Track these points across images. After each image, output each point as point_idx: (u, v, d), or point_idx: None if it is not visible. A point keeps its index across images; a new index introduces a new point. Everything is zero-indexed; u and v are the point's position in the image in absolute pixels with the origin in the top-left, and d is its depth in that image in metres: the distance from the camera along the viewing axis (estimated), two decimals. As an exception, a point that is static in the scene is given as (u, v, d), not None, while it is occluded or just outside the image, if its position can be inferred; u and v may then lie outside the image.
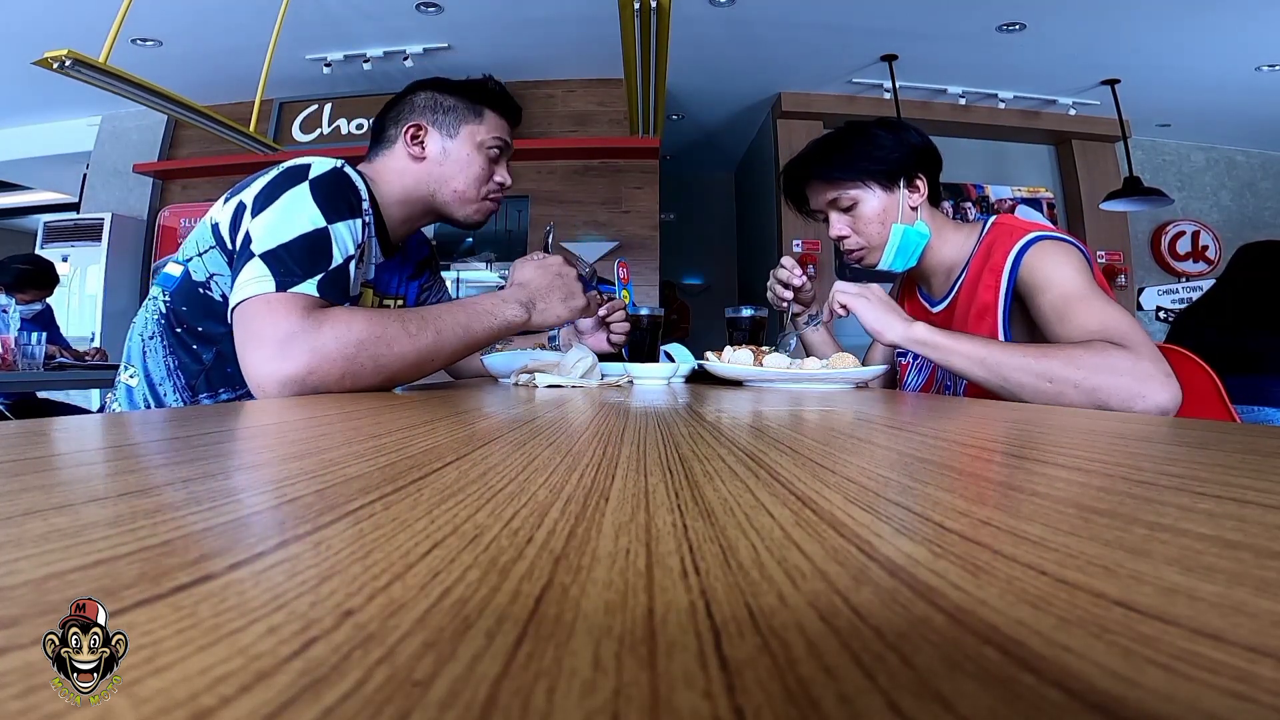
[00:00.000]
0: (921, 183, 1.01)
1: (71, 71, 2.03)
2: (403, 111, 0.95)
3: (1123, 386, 0.71)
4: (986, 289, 0.93)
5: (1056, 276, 0.85)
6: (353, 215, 0.81)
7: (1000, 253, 0.92)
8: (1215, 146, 4.63)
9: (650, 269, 3.90)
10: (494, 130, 0.98)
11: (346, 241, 0.79)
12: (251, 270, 0.72)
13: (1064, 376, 0.73)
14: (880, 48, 3.59)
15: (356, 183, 0.84)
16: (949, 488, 0.21)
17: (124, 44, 2.88)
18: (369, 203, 0.87)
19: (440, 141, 0.94)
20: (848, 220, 1.02)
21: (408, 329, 0.76)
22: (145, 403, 0.84)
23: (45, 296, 2.96)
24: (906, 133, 1.02)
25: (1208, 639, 0.09)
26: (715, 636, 0.09)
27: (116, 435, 0.34)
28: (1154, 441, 0.35)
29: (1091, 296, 0.82)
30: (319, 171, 0.80)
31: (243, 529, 0.15)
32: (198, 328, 0.83)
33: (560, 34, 3.51)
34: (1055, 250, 0.88)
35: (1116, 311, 0.80)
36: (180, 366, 0.84)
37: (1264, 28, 3.22)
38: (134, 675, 0.08)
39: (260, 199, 0.78)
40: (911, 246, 1.01)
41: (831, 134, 1.05)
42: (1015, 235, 0.92)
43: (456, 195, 0.96)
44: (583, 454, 0.27)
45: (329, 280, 0.75)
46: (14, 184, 5.43)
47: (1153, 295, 4.42)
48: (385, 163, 0.95)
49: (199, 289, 0.82)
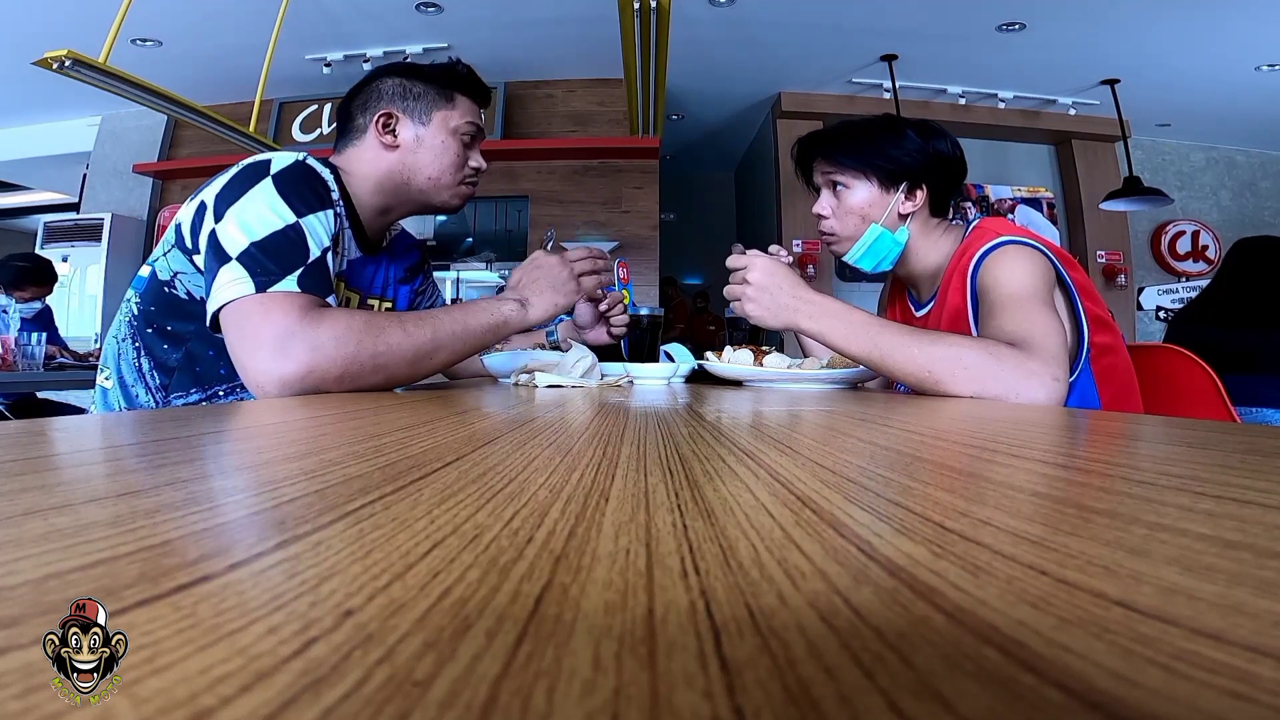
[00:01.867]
0: (921, 193, 0.99)
1: (71, 71, 2.03)
2: (370, 99, 0.93)
3: (998, 382, 0.71)
4: (955, 292, 0.93)
5: (1001, 280, 0.85)
6: (323, 206, 0.80)
7: (969, 256, 0.92)
8: (1215, 146, 4.63)
9: (650, 269, 3.90)
10: (466, 115, 0.96)
11: (320, 233, 0.78)
12: (228, 274, 0.71)
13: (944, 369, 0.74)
14: (880, 48, 3.59)
15: (322, 173, 0.83)
16: (949, 487, 0.21)
17: (124, 44, 2.87)
18: (339, 194, 0.86)
19: (413, 129, 0.93)
20: (833, 203, 1.02)
21: (406, 328, 0.75)
22: (119, 405, 0.84)
23: (44, 295, 2.96)
24: (939, 142, 0.99)
25: (1208, 639, 0.09)
26: (715, 636, 0.09)
27: (116, 435, 0.34)
28: (1154, 441, 0.35)
29: (1023, 300, 0.81)
30: (280, 166, 0.79)
31: (242, 529, 0.15)
32: (166, 327, 0.82)
33: (560, 34, 3.51)
34: (1013, 256, 0.87)
35: (1041, 320, 0.78)
36: (153, 367, 0.84)
37: (1264, 28, 3.22)
38: (134, 675, 0.08)
39: (222, 199, 0.76)
40: (883, 251, 0.99)
41: (865, 118, 1.03)
42: (984, 239, 0.91)
43: (432, 182, 0.95)
44: (583, 454, 0.27)
45: (309, 275, 0.73)
46: (14, 184, 5.43)
47: (1153, 295, 4.42)
48: (357, 153, 0.93)
49: (165, 288, 0.82)
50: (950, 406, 0.59)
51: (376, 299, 1.02)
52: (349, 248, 0.92)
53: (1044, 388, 0.70)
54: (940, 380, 0.74)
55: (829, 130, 1.04)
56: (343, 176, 0.91)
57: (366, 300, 1.00)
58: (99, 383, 0.87)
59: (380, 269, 1.01)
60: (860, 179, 0.99)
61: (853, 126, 1.02)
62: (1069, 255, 0.93)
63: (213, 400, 0.84)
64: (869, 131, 1.00)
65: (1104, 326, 0.90)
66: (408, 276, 1.08)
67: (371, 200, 0.93)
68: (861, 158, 0.98)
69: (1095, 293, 0.92)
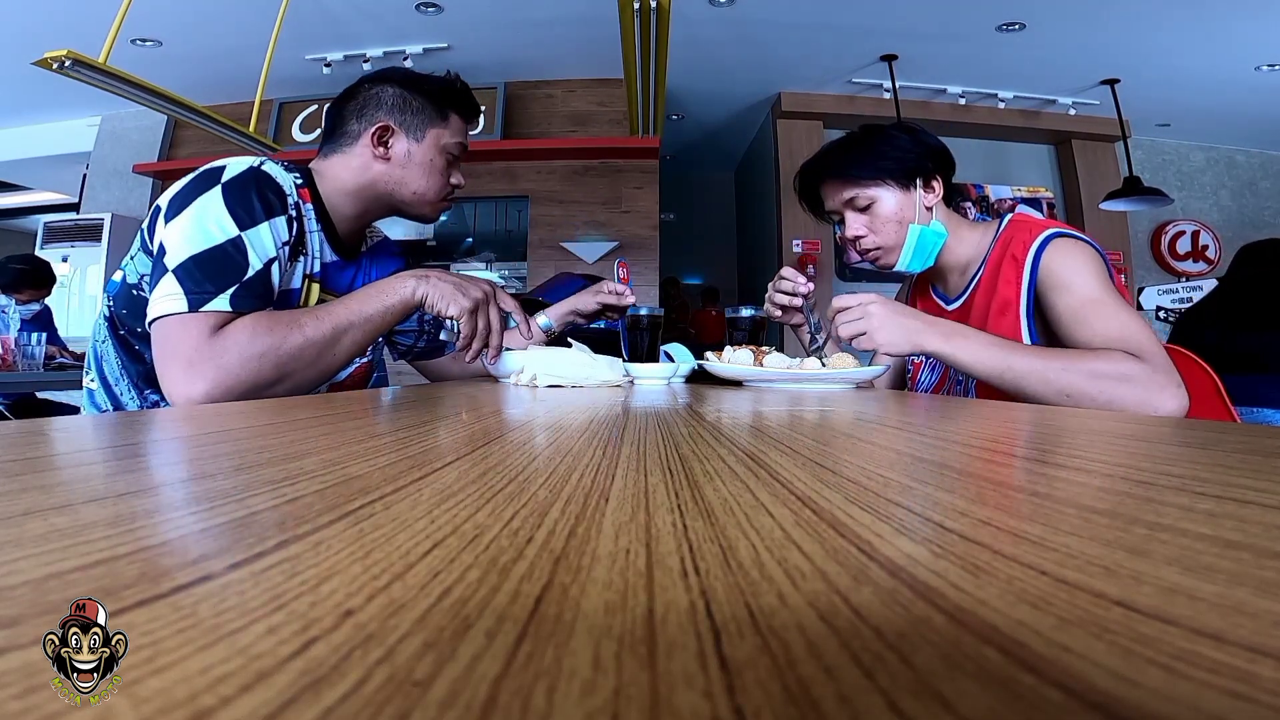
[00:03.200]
0: (937, 183, 1.01)
1: (71, 71, 2.03)
2: (367, 107, 0.93)
3: (1135, 398, 0.75)
4: (1007, 283, 0.93)
5: (1077, 279, 0.87)
6: (271, 215, 0.79)
7: (1020, 247, 0.93)
8: (1215, 146, 4.63)
9: (650, 269, 3.90)
10: (457, 135, 0.98)
11: (265, 244, 0.78)
12: (165, 286, 0.72)
13: (1081, 391, 0.77)
14: (880, 48, 3.59)
15: (278, 179, 0.82)
16: (949, 488, 0.21)
17: (124, 44, 2.88)
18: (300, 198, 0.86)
19: (405, 144, 0.93)
20: (865, 220, 1.02)
21: (304, 329, 0.75)
22: (106, 406, 0.86)
23: (43, 296, 2.97)
24: (922, 134, 1.02)
25: (1208, 639, 0.09)
26: (715, 636, 0.09)
27: (116, 435, 0.34)
28: (1154, 441, 0.35)
29: (1109, 302, 0.84)
30: (232, 174, 0.78)
31: (242, 529, 0.15)
32: (136, 328, 0.83)
33: (560, 34, 3.51)
34: (1075, 249, 0.89)
35: (1133, 319, 0.82)
36: (126, 368, 0.84)
37: (1264, 28, 3.22)
38: (134, 675, 0.08)
39: (174, 204, 0.76)
40: (929, 247, 1.00)
41: (849, 135, 1.05)
42: (1035, 230, 0.93)
43: (417, 196, 0.96)
44: (583, 454, 0.27)
45: (242, 292, 0.74)
46: (14, 184, 5.43)
47: (1152, 295, 4.42)
48: (343, 159, 0.93)
49: (133, 291, 0.82)
50: (950, 407, 0.59)
51: None
52: (321, 251, 0.92)
53: (1174, 399, 0.75)
54: (1079, 403, 0.77)
55: (828, 156, 1.05)
56: (317, 180, 0.90)
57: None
58: (85, 384, 0.89)
59: (360, 273, 1.01)
60: (880, 186, 1.00)
61: (845, 145, 1.04)
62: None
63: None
64: (864, 144, 1.02)
65: None
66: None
67: (346, 205, 0.94)
68: (874, 166, 1.00)
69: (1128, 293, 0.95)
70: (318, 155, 0.95)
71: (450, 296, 0.85)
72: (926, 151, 1.00)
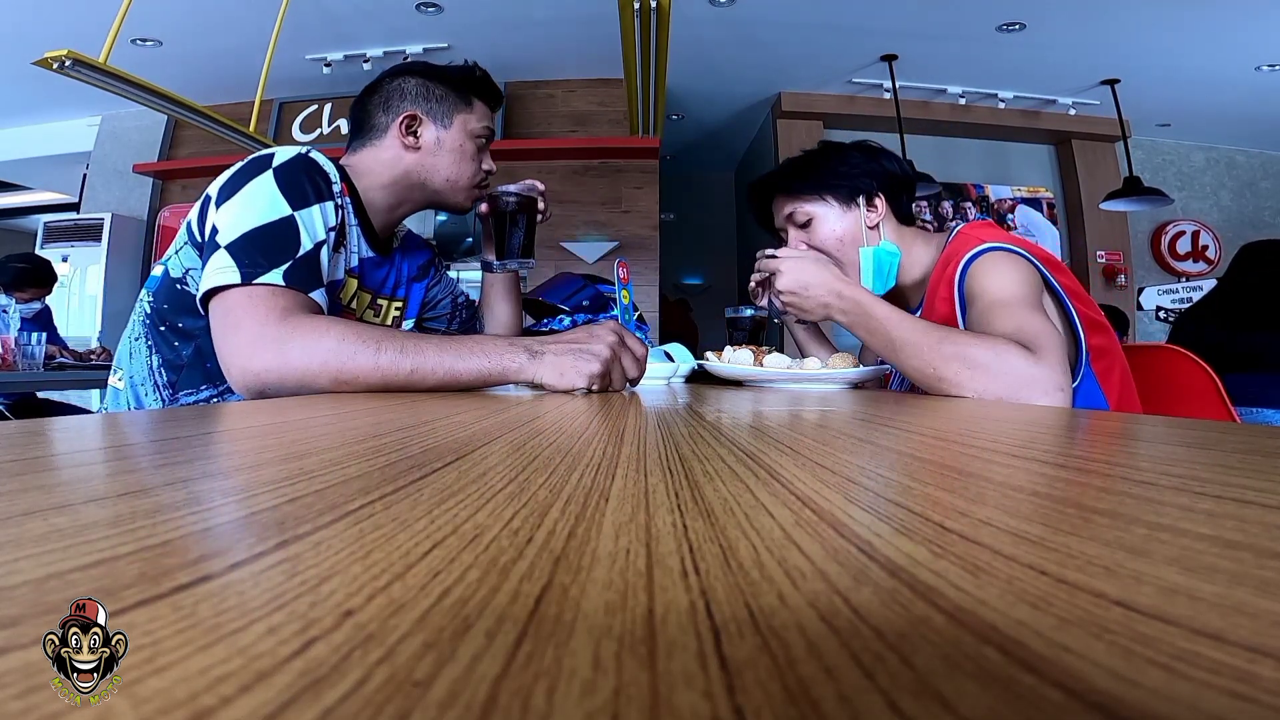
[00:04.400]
0: (880, 202, 1.00)
1: (71, 71, 2.03)
2: (392, 99, 0.94)
3: (1006, 388, 0.72)
4: (943, 301, 0.93)
5: (990, 286, 0.85)
6: (321, 199, 0.80)
7: (954, 264, 0.92)
8: (1215, 146, 4.63)
9: (650, 269, 3.90)
10: (483, 119, 0.98)
11: (316, 226, 0.78)
12: (217, 261, 0.73)
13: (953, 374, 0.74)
14: (880, 48, 3.59)
15: (325, 166, 0.83)
16: (949, 487, 0.21)
17: (124, 44, 2.87)
18: (342, 190, 0.86)
19: (435, 131, 0.94)
20: (803, 237, 1.02)
21: (379, 356, 0.70)
22: (128, 404, 0.86)
23: (44, 295, 2.97)
24: (882, 158, 1.02)
25: (1208, 639, 0.09)
26: (715, 636, 0.09)
27: (116, 435, 0.34)
28: (1154, 441, 0.35)
29: (1015, 304, 0.81)
30: (283, 159, 0.80)
31: (242, 529, 0.15)
32: (178, 324, 0.83)
33: (560, 34, 3.51)
34: (997, 263, 0.87)
35: (1034, 319, 0.78)
36: (163, 365, 0.84)
37: (1264, 28, 3.22)
38: (134, 675, 0.08)
39: (225, 190, 0.78)
40: (886, 267, 1.00)
41: (805, 151, 1.06)
42: (966, 246, 0.91)
43: (450, 184, 0.96)
44: (583, 454, 0.27)
45: (295, 269, 0.74)
46: (14, 184, 5.43)
47: (1153, 295, 4.42)
48: (373, 153, 0.93)
49: (177, 285, 0.83)
50: (950, 407, 0.59)
51: (387, 299, 1.03)
52: (359, 246, 0.92)
53: (1047, 396, 0.70)
54: (944, 379, 0.74)
55: (776, 171, 1.06)
56: (351, 175, 0.91)
57: (377, 300, 1.01)
58: (111, 383, 0.88)
59: (392, 270, 1.03)
60: (819, 203, 1.01)
61: (796, 160, 1.05)
62: (1055, 259, 0.92)
63: (224, 397, 0.85)
64: (811, 160, 1.03)
65: (1098, 328, 0.90)
66: (419, 274, 1.10)
67: (382, 199, 0.94)
68: (814, 181, 1.01)
69: (1085, 295, 0.93)
70: (346, 152, 0.96)
71: (572, 371, 0.72)
72: (878, 173, 1.00)
